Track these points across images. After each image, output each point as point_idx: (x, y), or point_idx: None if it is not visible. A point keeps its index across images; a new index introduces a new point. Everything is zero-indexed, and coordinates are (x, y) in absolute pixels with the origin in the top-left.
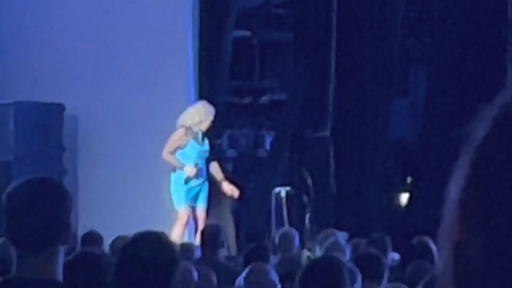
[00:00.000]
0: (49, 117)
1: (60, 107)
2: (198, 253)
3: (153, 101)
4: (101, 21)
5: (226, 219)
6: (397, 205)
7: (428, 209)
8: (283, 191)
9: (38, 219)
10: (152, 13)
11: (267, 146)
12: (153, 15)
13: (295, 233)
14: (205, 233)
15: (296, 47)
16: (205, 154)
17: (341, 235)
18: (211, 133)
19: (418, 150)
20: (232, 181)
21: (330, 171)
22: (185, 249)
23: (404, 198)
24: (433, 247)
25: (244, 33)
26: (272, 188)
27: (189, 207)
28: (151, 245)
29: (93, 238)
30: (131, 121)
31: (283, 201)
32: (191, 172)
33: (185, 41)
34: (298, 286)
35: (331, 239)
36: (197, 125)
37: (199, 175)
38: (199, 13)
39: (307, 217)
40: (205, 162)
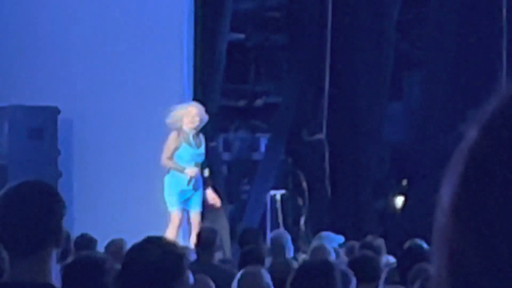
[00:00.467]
0: (44, 120)
1: (55, 111)
2: (192, 256)
3: (148, 104)
4: (96, 24)
5: (221, 222)
6: (392, 208)
7: (423, 212)
8: (278, 194)
9: (30, 222)
10: (147, 16)
11: (262, 149)
12: (148, 19)
13: (287, 235)
14: (201, 236)
15: (291, 50)
16: (199, 157)
17: (337, 238)
18: (206, 136)
19: (413, 153)
20: (225, 187)
21: (325, 174)
22: None
23: (399, 201)
24: (427, 249)
25: (238, 36)
26: (267, 191)
27: (181, 210)
28: (159, 249)
29: (86, 241)
30: (126, 124)
31: (278, 204)
32: (192, 172)
33: (180, 44)
34: None
35: (315, 243)
36: (185, 126)
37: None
38: (194, 17)
39: (302, 220)
40: (200, 166)
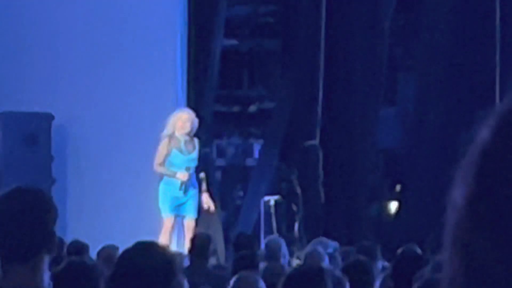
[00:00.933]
0: (38, 126)
1: (48, 117)
2: (186, 262)
3: (141, 110)
4: (89, 30)
5: (215, 227)
6: (386, 214)
7: (417, 217)
8: (272, 200)
9: (22, 229)
10: (140, 22)
11: (256, 155)
12: (142, 25)
13: (281, 241)
14: (194, 242)
15: (284, 55)
16: (191, 162)
17: (332, 245)
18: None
19: (407, 158)
20: (219, 192)
21: (319, 179)
22: None
23: (393, 206)
24: (421, 254)
25: (231, 41)
26: (261, 197)
27: (173, 216)
28: (150, 254)
29: (78, 247)
30: (120, 130)
31: (272, 210)
32: (183, 176)
33: (174, 50)
34: None
35: (308, 248)
36: (177, 132)
37: (188, 183)
38: (188, 22)
39: (296, 226)
40: (194, 171)
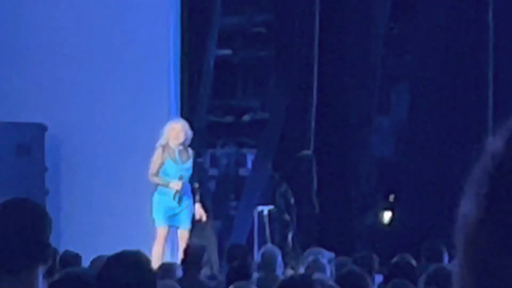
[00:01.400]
0: (31, 137)
1: (42, 127)
2: (179, 272)
3: (135, 120)
4: (83, 40)
5: (209, 238)
6: (380, 223)
7: (410, 227)
8: (265, 209)
9: (17, 240)
10: (134, 32)
11: (249, 165)
12: (135, 35)
13: (277, 251)
14: (188, 252)
15: (278, 65)
16: (185, 172)
17: (327, 255)
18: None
19: (400, 167)
20: (212, 202)
21: (312, 189)
22: (166, 269)
23: (386, 216)
24: (414, 264)
25: (225, 51)
26: (254, 207)
27: (166, 226)
28: (128, 265)
29: (70, 257)
30: (113, 140)
31: (266, 219)
32: (177, 185)
33: (167, 60)
34: None
35: (310, 258)
36: (171, 142)
37: (182, 193)
38: (181, 33)
39: (290, 236)
40: (188, 181)
